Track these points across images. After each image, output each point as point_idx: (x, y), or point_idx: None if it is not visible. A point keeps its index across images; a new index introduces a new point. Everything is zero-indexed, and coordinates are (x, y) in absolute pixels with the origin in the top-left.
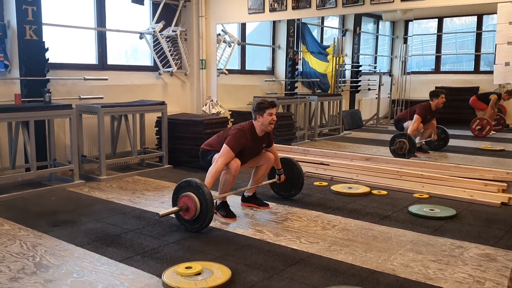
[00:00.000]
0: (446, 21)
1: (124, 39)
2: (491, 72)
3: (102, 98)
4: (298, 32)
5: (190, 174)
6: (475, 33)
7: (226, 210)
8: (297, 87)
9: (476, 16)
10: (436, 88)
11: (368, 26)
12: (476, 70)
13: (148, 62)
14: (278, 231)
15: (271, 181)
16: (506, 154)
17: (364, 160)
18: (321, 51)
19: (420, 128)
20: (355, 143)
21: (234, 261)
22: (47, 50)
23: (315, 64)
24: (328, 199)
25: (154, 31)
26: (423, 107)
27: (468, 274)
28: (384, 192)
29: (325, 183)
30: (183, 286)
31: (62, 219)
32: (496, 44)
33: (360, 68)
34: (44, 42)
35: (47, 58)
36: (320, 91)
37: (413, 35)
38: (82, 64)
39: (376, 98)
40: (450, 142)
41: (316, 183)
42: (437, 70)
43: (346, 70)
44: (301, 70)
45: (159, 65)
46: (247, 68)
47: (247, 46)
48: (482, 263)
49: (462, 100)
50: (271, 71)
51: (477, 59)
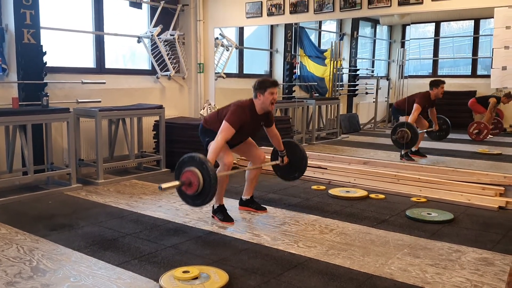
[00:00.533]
0: (443, 25)
1: (122, 43)
2: (488, 76)
3: (100, 101)
4: (295, 36)
5: None
6: (472, 37)
7: (223, 214)
8: (294, 90)
9: (473, 21)
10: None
11: (365, 30)
12: (473, 74)
13: (146, 66)
14: (276, 235)
15: (273, 162)
16: (503, 158)
17: (361, 164)
18: (318, 55)
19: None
20: (353, 147)
21: (231, 265)
22: (45, 53)
23: (313, 68)
24: (326, 203)
25: (152, 35)
26: (423, 96)
27: (466, 278)
28: (382, 196)
29: (322, 187)
30: None
31: (59, 223)
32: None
33: (358, 72)
34: (42, 45)
35: (45, 62)
36: (317, 95)
37: (410, 39)
38: (80, 67)
39: (374, 102)
40: (448, 146)
41: (314, 187)
42: (434, 74)
43: (343, 74)
44: (298, 74)
45: (157, 69)
46: (245, 72)
47: (245, 50)
48: (479, 267)
49: (460, 104)
50: (269, 75)
51: (474, 63)
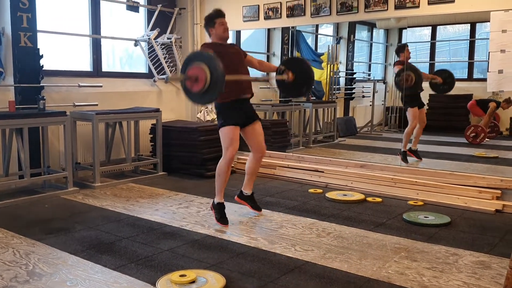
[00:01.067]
0: (440, 29)
1: (119, 46)
2: (485, 80)
3: (97, 105)
4: (292, 40)
5: (185, 181)
6: (469, 41)
7: (220, 214)
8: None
9: (469, 24)
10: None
11: (362, 33)
12: (470, 78)
13: (143, 69)
14: (273, 239)
15: (279, 76)
16: (500, 161)
17: (358, 167)
18: (315, 59)
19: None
20: (350, 150)
21: (228, 269)
22: (42, 57)
23: None
24: (323, 206)
25: (149, 38)
26: (397, 66)
27: (463, 282)
28: (379, 199)
29: (319, 190)
30: None
31: (55, 227)
32: (489, 52)
33: (354, 76)
34: (38, 49)
35: (41, 65)
36: (314, 98)
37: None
38: (76, 71)
39: (370, 105)
40: (445, 149)
41: (311, 190)
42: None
43: (340, 77)
44: None
45: (154, 72)
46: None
47: None
48: (476, 270)
49: (456, 107)
50: (266, 78)
51: (470, 66)
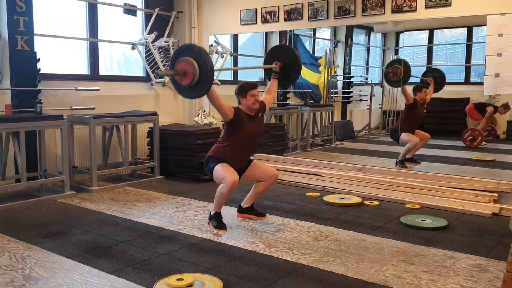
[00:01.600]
0: (437, 32)
1: (116, 49)
2: (482, 83)
3: (94, 108)
4: (290, 43)
5: (182, 185)
6: (465, 44)
7: (218, 221)
8: (289, 97)
9: (466, 28)
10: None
11: (359, 37)
12: (467, 81)
13: (140, 73)
14: (271, 242)
15: (266, 66)
16: (496, 164)
17: (356, 170)
18: (313, 62)
19: (415, 141)
20: (347, 154)
21: (226, 272)
22: (39, 60)
23: (307, 75)
24: (321, 210)
25: (146, 42)
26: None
27: (460, 285)
28: (376, 202)
29: (317, 194)
30: None
31: (52, 231)
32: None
33: (352, 79)
34: (35, 52)
35: (38, 69)
36: (312, 101)
37: (404, 46)
38: (73, 74)
39: (368, 109)
40: (442, 153)
41: (309, 194)
42: (427, 70)
43: (338, 81)
44: None
45: (151, 75)
46: (239, 79)
47: (239, 57)
48: (474, 273)
49: (453, 110)
50: (264, 82)
51: (467, 70)
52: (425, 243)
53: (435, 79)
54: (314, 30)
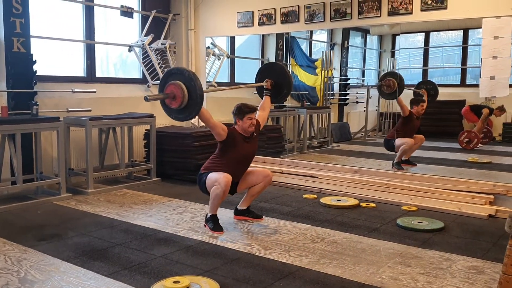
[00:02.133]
0: (433, 35)
1: (113, 52)
2: (477, 86)
3: (90, 110)
4: (287, 46)
5: (178, 187)
6: (461, 47)
7: (214, 223)
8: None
9: (462, 31)
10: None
11: (356, 40)
12: (463, 84)
13: (137, 75)
14: (267, 245)
15: (257, 84)
16: (492, 166)
17: (352, 172)
18: (309, 65)
19: (410, 142)
20: (344, 156)
21: (222, 275)
22: (35, 62)
23: (304, 77)
24: (317, 212)
25: (143, 44)
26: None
27: (456, 287)
28: (373, 204)
29: (314, 196)
30: None
31: (48, 233)
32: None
33: (348, 81)
34: (32, 54)
35: (34, 71)
36: (309, 104)
37: (400, 49)
38: (70, 76)
39: (364, 111)
40: (438, 155)
41: (305, 196)
42: (420, 81)
43: (334, 83)
44: None
45: (148, 77)
46: (236, 81)
47: (236, 59)
48: (470, 275)
49: (449, 112)
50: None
51: (463, 72)
52: (421, 245)
53: (427, 91)
54: (311, 32)
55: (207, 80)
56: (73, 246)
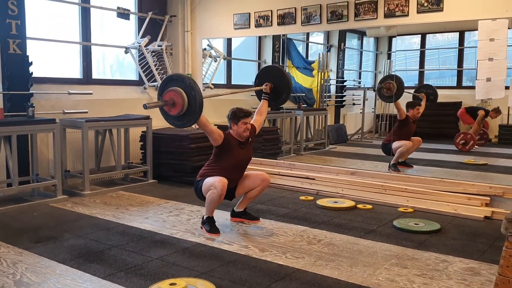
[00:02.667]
0: (429, 37)
1: (109, 53)
2: (473, 87)
3: (87, 112)
4: (283, 48)
5: (175, 189)
6: (457, 49)
7: (210, 225)
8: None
9: (458, 33)
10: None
11: (352, 42)
12: (459, 85)
13: (133, 77)
14: (264, 247)
15: (257, 88)
16: (488, 168)
17: (349, 174)
18: (306, 66)
19: (408, 145)
20: (340, 157)
21: (219, 277)
22: (31, 64)
23: (301, 79)
24: (314, 214)
25: (139, 46)
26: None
27: None
28: (369, 206)
29: (310, 198)
30: None
31: (44, 235)
32: (477, 60)
33: (345, 83)
34: (28, 56)
35: (31, 72)
36: (305, 105)
37: (396, 50)
38: (66, 78)
39: (361, 112)
40: (434, 156)
41: (302, 198)
42: (420, 85)
43: (331, 85)
44: None
45: (144, 79)
46: (233, 83)
47: (233, 61)
48: (466, 277)
49: (445, 114)
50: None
51: (459, 74)
52: (418, 246)
53: (427, 96)
54: (307, 34)
55: (203, 82)
56: (69, 248)
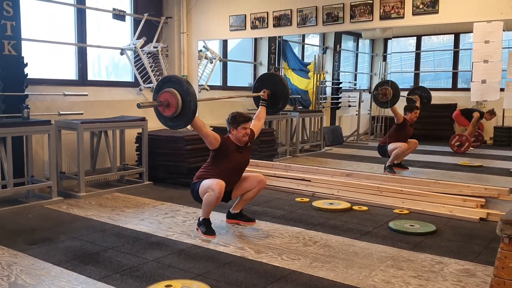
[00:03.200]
0: (424, 39)
1: (105, 55)
2: (469, 89)
3: (82, 114)
4: (279, 49)
5: (171, 191)
6: (453, 51)
7: (206, 227)
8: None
9: (453, 35)
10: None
11: (348, 44)
12: (454, 87)
13: (129, 78)
14: (260, 248)
15: (255, 94)
16: (484, 170)
17: (345, 176)
18: (302, 68)
19: (404, 146)
20: (336, 159)
21: (214, 279)
22: (26, 65)
23: (296, 80)
24: (310, 215)
25: (135, 47)
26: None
27: None
28: (365, 208)
29: (306, 199)
30: None
31: (39, 237)
32: (472, 62)
33: (341, 85)
34: (23, 57)
35: (26, 74)
36: (301, 107)
37: (392, 52)
38: (62, 79)
39: (356, 114)
40: (429, 158)
41: (298, 199)
42: (413, 87)
43: (326, 87)
44: None
45: (140, 81)
46: (228, 84)
47: (228, 62)
48: (461, 278)
49: (441, 116)
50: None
51: (454, 76)
52: (413, 248)
53: (421, 98)
54: (303, 36)
55: (199, 84)
56: (64, 250)
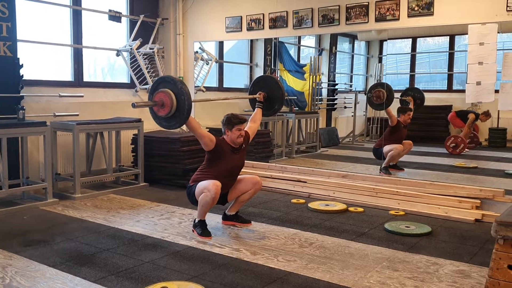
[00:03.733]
0: (420, 41)
1: (101, 56)
2: (464, 91)
3: (78, 115)
4: (275, 51)
5: (166, 192)
6: (448, 53)
7: (202, 229)
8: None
9: (448, 37)
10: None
11: (343, 45)
12: (449, 89)
13: (125, 79)
14: (255, 250)
15: (250, 96)
16: (479, 171)
17: (340, 177)
18: (298, 70)
19: (399, 148)
20: (332, 160)
21: (210, 280)
22: (22, 66)
23: (292, 82)
24: (305, 217)
25: (131, 49)
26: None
27: None
28: (361, 209)
29: (302, 201)
30: None
31: (34, 239)
32: (467, 64)
33: (336, 87)
34: (18, 58)
35: (21, 75)
36: (297, 108)
37: (387, 54)
38: (57, 81)
39: (352, 116)
40: (425, 159)
41: (294, 201)
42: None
43: (322, 88)
44: None
45: (136, 82)
46: (225, 86)
47: (225, 64)
48: (457, 279)
49: (436, 118)
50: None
51: (450, 78)
52: (409, 249)
53: (414, 99)
54: (299, 37)
55: (195, 85)
56: (59, 252)
